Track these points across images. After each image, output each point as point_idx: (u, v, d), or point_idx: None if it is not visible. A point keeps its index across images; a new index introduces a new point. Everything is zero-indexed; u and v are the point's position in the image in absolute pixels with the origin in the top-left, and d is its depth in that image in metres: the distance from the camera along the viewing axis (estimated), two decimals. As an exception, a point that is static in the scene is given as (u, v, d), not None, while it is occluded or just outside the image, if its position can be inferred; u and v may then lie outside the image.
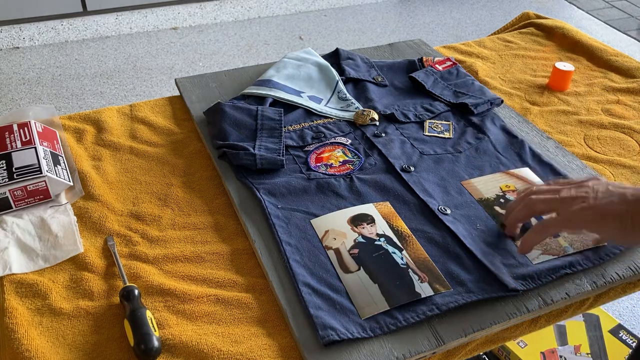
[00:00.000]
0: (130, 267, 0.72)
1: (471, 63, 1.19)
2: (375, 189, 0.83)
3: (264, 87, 1.01)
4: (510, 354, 1.32)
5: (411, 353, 0.63)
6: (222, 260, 0.74)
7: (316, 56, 1.11)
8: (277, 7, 3.24)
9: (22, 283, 0.70)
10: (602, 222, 0.65)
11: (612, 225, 0.64)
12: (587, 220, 0.66)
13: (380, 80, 1.08)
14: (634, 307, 1.66)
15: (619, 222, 0.64)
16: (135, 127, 0.97)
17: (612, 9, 3.52)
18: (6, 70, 2.61)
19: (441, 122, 0.98)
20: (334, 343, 0.63)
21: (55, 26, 2.81)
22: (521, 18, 1.41)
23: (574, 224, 0.67)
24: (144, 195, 0.84)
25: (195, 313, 0.67)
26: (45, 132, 0.88)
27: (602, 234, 0.68)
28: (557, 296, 0.70)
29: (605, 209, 0.65)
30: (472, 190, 0.84)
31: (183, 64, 2.72)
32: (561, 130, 1.01)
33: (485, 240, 0.75)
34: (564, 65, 1.12)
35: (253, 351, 0.63)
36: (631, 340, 1.35)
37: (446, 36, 3.09)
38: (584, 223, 0.66)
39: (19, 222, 0.76)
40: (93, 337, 0.64)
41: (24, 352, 0.61)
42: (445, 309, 0.66)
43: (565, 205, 0.68)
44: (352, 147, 0.92)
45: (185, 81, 1.08)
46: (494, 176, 0.86)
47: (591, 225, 0.66)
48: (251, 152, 0.85)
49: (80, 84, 2.55)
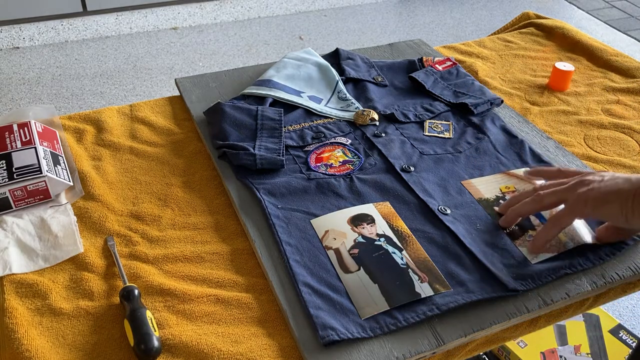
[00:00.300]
0: (130, 267, 0.72)
1: (471, 63, 1.19)
2: (375, 189, 0.83)
3: (264, 87, 1.01)
4: (510, 354, 1.32)
5: (411, 353, 0.63)
6: (222, 260, 0.74)
7: (316, 56, 1.11)
8: (277, 7, 3.24)
9: (22, 283, 0.70)
10: (605, 202, 0.67)
11: (614, 205, 0.67)
12: (591, 201, 0.68)
13: (380, 80, 1.08)
14: (634, 307, 1.66)
15: (620, 203, 0.66)
16: (135, 127, 0.97)
17: (612, 9, 3.52)
18: (6, 70, 2.62)
19: (441, 122, 0.98)
20: (334, 343, 0.63)
21: (55, 26, 2.81)
22: (521, 18, 1.41)
23: (581, 208, 0.69)
24: (144, 195, 0.84)
25: (195, 313, 0.67)
26: (45, 132, 0.88)
27: (604, 216, 0.69)
28: (557, 296, 0.70)
29: (608, 189, 0.68)
30: (472, 190, 0.84)
31: (183, 64, 2.72)
32: (561, 130, 1.01)
33: (485, 240, 0.75)
34: (564, 65, 1.12)
35: (253, 351, 0.63)
36: (631, 340, 1.35)
37: (446, 36, 3.09)
38: (589, 205, 0.68)
39: (19, 222, 0.76)
40: (93, 337, 0.64)
41: (24, 352, 0.61)
42: (445, 309, 0.66)
43: (571, 191, 0.70)
44: (352, 147, 0.92)
45: (185, 81, 1.08)
46: (494, 177, 0.86)
47: (595, 206, 0.68)
48: (251, 152, 0.85)
49: (80, 84, 2.55)
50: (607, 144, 0.99)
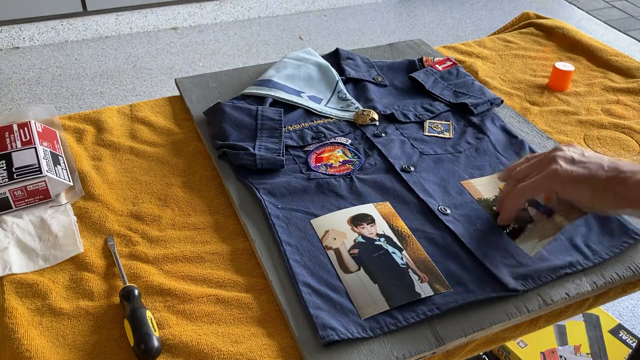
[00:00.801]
0: (130, 267, 0.72)
1: (471, 63, 1.19)
2: (375, 189, 0.83)
3: (264, 87, 1.01)
4: (510, 354, 1.32)
5: (411, 353, 0.63)
6: (222, 260, 0.74)
7: (316, 56, 1.11)
8: (277, 7, 3.24)
9: (22, 283, 0.70)
10: (577, 184, 0.67)
11: (585, 189, 0.66)
12: (561, 179, 0.67)
13: (380, 80, 1.08)
14: (634, 307, 1.66)
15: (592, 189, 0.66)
16: (135, 127, 0.97)
17: (612, 9, 3.52)
18: (6, 70, 2.62)
19: (441, 122, 0.98)
20: (334, 343, 0.63)
21: (55, 26, 2.81)
22: (521, 18, 1.41)
23: (549, 183, 0.68)
24: (144, 195, 0.84)
25: (195, 313, 0.67)
26: (45, 132, 0.88)
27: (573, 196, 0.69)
28: (557, 296, 0.70)
29: (580, 173, 0.67)
30: (472, 190, 0.84)
31: (183, 64, 2.72)
32: (561, 130, 1.01)
33: (485, 240, 0.75)
34: (564, 65, 1.12)
35: (253, 351, 0.63)
36: (631, 340, 1.35)
37: (446, 36, 3.09)
38: (558, 182, 0.68)
39: (19, 222, 0.76)
40: (93, 337, 0.64)
41: (24, 352, 0.61)
42: (445, 309, 0.66)
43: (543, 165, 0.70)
44: (352, 147, 0.92)
45: (185, 81, 1.08)
46: (494, 177, 0.86)
47: (564, 185, 0.67)
48: (251, 152, 0.85)
49: (80, 84, 2.55)
50: (607, 144, 0.99)
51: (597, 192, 0.66)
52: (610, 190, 0.65)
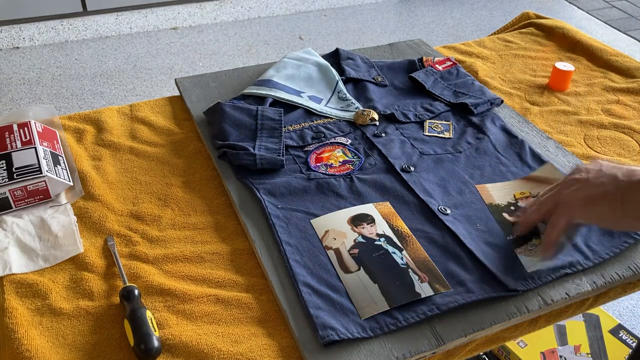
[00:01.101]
0: (130, 267, 0.72)
1: (471, 63, 1.19)
2: (375, 189, 0.83)
3: (264, 87, 1.01)
4: (510, 354, 1.32)
5: (411, 353, 0.63)
6: (222, 260, 0.74)
7: (316, 56, 1.11)
8: (277, 7, 3.24)
9: (22, 283, 0.70)
10: (594, 204, 0.64)
11: (603, 207, 0.63)
12: (579, 203, 0.65)
13: (380, 80, 1.08)
14: (634, 307, 1.66)
15: (608, 205, 0.63)
16: (135, 127, 0.97)
17: (612, 9, 3.52)
18: (6, 70, 2.61)
19: (441, 122, 0.98)
20: (334, 343, 0.63)
21: (55, 26, 2.81)
22: (521, 18, 1.41)
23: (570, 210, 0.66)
24: (144, 195, 0.84)
25: (195, 313, 0.67)
26: (45, 132, 0.88)
27: (595, 219, 0.66)
28: (557, 296, 0.70)
29: (594, 191, 0.64)
30: (485, 195, 0.83)
31: (183, 64, 2.72)
32: (561, 130, 1.01)
33: (485, 240, 0.75)
34: (564, 65, 1.12)
35: (253, 351, 0.63)
36: (631, 340, 1.35)
37: (446, 36, 3.09)
38: (577, 207, 0.65)
39: (19, 222, 0.76)
40: (93, 337, 0.64)
41: (24, 352, 0.61)
42: (445, 309, 0.66)
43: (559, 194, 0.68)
44: (352, 147, 0.92)
45: (185, 81, 1.08)
46: (510, 183, 0.85)
47: (584, 208, 0.65)
48: (251, 152, 0.85)
49: (80, 84, 2.55)
50: (607, 143, 0.99)
51: (614, 206, 0.62)
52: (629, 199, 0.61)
